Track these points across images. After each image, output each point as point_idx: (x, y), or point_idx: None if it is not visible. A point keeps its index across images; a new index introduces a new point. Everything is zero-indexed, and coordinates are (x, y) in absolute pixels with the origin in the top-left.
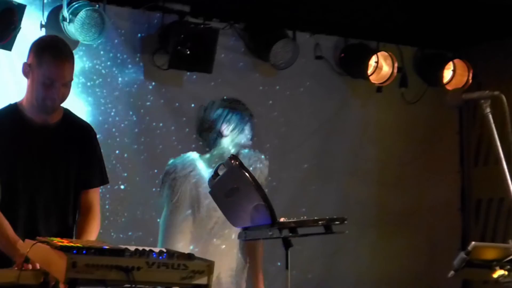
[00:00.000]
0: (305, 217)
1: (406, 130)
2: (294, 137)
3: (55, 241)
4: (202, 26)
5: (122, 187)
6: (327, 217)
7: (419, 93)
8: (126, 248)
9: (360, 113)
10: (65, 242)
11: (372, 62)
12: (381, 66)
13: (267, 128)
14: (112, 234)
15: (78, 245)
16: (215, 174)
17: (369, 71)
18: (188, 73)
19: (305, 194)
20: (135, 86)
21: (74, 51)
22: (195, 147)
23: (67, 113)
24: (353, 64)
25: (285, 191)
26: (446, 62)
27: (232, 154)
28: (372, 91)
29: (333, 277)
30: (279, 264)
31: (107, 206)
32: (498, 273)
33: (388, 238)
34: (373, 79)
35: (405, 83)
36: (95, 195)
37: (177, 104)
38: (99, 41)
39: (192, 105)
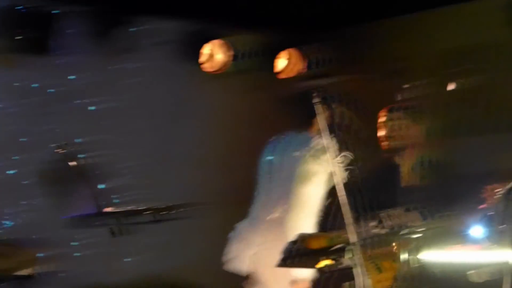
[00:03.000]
0: (135, 207)
1: (242, 117)
2: (136, 125)
3: None
4: (40, 9)
5: None
6: (155, 206)
7: (256, 81)
8: None
9: (202, 100)
10: None
11: (206, 50)
12: (215, 54)
13: (108, 116)
14: None
15: None
16: (49, 162)
17: (204, 59)
18: (25, 57)
19: (147, 182)
20: None
21: None
22: None
23: None
24: (192, 51)
25: (125, 178)
26: (280, 50)
27: (61, 143)
28: (211, 79)
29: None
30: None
31: None
32: (324, 262)
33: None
34: (207, 67)
35: (241, 70)
36: None
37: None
38: None
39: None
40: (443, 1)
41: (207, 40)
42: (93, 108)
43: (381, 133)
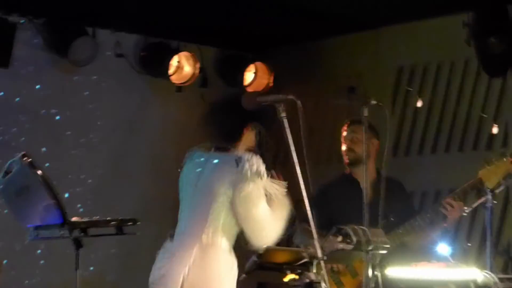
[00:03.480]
0: (98, 217)
1: (205, 130)
2: (93, 136)
3: None
4: (1, 20)
5: None
6: (119, 218)
7: (218, 94)
8: None
9: (160, 113)
10: None
11: (174, 62)
12: (182, 66)
13: (65, 126)
14: None
15: None
16: (7, 171)
17: (171, 71)
18: None
19: (104, 194)
20: None
21: None
22: None
23: None
24: (153, 63)
25: (84, 190)
26: (247, 64)
27: (23, 152)
28: (172, 91)
29: (128, 278)
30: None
31: None
32: (289, 276)
33: None
34: (174, 79)
35: (205, 83)
36: None
37: None
38: None
39: None
40: (403, 17)
41: (170, 53)
42: (58, 118)
43: (343, 146)
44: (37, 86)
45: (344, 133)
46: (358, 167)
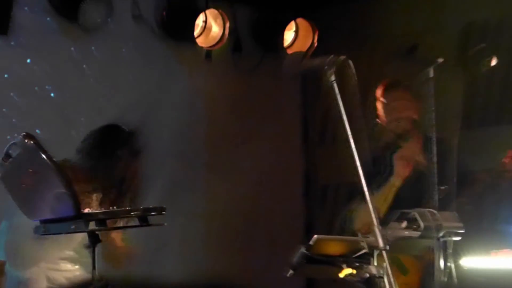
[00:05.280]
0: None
1: (240, 105)
2: (109, 112)
3: None
4: None
5: None
6: (142, 207)
7: (255, 61)
8: None
9: (186, 84)
10: None
11: (200, 21)
12: (210, 26)
13: (79, 99)
14: None
15: None
16: (7, 155)
17: (196, 32)
18: None
19: None
20: None
21: None
22: None
23: None
24: (177, 25)
25: None
26: (287, 23)
27: (26, 132)
28: (200, 58)
29: (156, 276)
30: None
31: None
32: (345, 271)
33: (220, 230)
34: (201, 41)
35: (239, 48)
36: None
37: None
38: None
39: None
40: None
41: (196, 13)
42: (65, 93)
43: (383, 116)
44: (42, 56)
45: (383, 100)
46: (407, 140)
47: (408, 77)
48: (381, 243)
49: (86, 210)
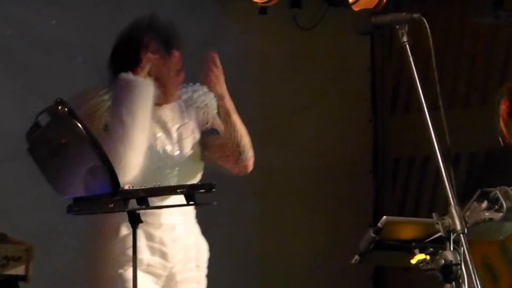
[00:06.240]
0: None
1: (299, 66)
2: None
3: None
4: None
5: None
6: (188, 184)
7: (316, 16)
8: None
9: (238, 42)
10: None
11: None
12: None
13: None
14: None
15: None
16: (36, 124)
17: None
18: None
19: None
20: None
21: None
22: None
23: None
24: None
25: None
26: None
27: (59, 98)
28: (254, 13)
29: None
30: None
31: None
32: (418, 257)
33: (275, 210)
34: None
35: (297, 2)
36: None
37: None
38: None
39: None
40: None
41: None
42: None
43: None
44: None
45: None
46: None
47: (494, 36)
48: (458, 225)
49: (126, 187)
